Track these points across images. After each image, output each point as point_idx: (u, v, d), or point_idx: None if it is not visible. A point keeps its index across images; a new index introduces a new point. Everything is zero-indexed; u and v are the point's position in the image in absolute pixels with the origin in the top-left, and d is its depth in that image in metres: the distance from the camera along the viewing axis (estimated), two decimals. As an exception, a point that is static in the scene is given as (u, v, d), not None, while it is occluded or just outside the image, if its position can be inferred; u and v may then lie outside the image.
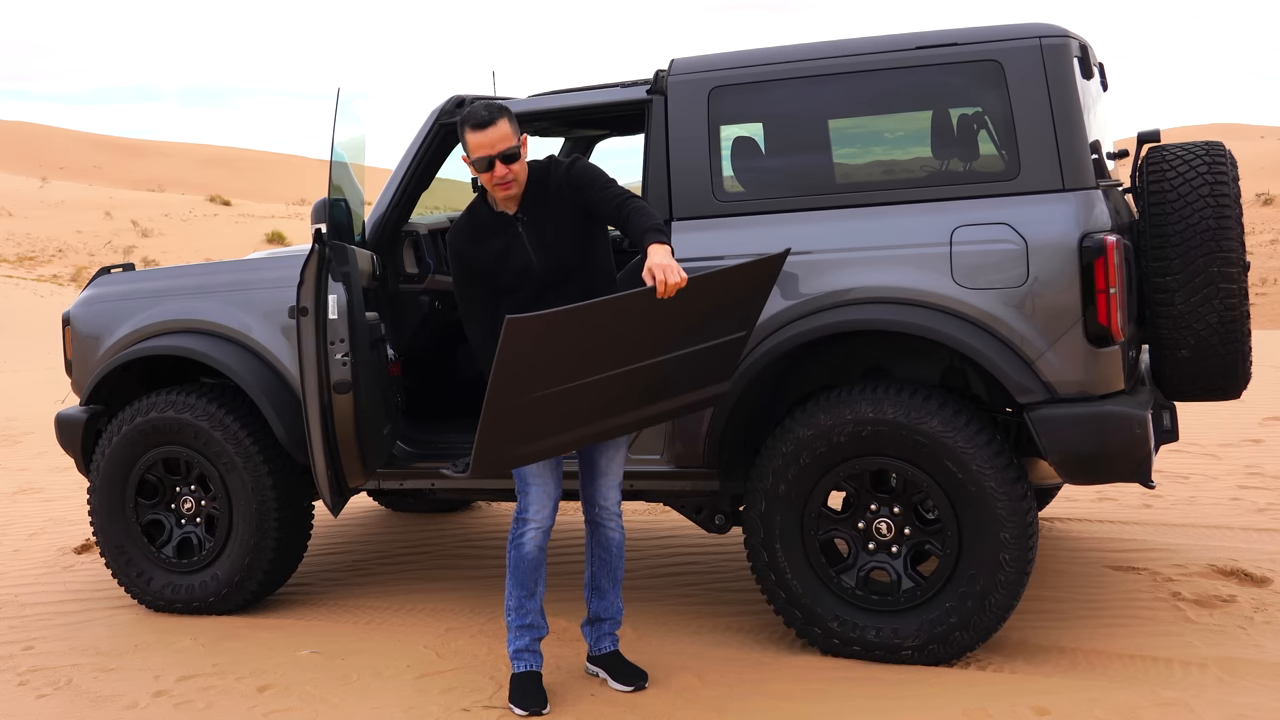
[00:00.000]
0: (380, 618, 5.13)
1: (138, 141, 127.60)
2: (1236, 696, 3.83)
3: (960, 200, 4.14)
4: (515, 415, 3.55)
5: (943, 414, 4.06)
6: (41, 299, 28.44)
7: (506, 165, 3.85)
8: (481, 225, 3.99)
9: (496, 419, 3.51)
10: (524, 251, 3.94)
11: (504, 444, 3.63)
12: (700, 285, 3.57)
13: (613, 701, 4.05)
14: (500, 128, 3.83)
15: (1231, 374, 4.27)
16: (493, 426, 3.53)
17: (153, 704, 4.28)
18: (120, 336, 5.25)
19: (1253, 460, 7.18)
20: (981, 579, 4.07)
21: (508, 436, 3.61)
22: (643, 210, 3.81)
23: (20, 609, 5.50)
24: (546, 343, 3.40)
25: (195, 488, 5.22)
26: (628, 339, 3.59)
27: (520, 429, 3.61)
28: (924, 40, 4.27)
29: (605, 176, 3.97)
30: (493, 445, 3.60)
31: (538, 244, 3.94)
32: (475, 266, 3.99)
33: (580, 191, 3.93)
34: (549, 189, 3.96)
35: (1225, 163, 4.26)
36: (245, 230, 46.00)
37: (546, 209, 3.96)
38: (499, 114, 3.84)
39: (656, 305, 3.53)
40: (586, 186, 3.93)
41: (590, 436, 3.83)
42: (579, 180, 3.94)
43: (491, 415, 3.49)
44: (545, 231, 3.94)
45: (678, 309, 3.57)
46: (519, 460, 3.75)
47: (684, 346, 3.76)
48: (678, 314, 3.60)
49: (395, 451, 4.82)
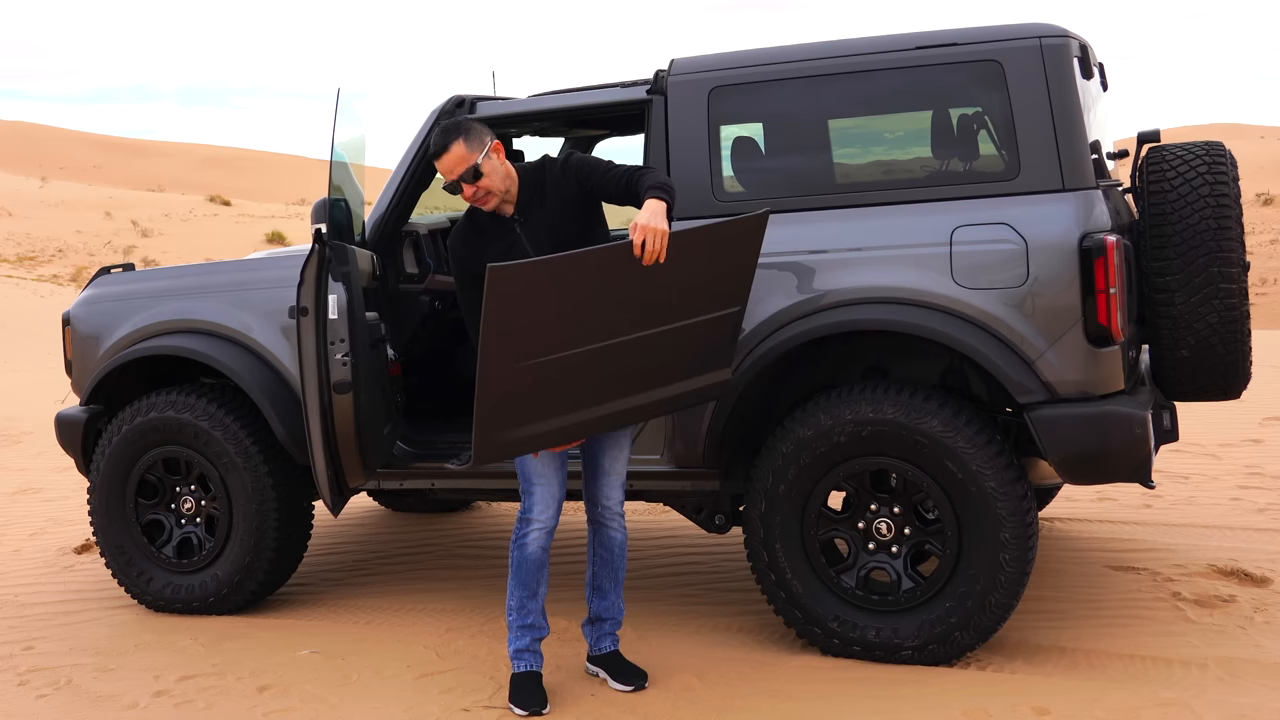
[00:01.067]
0: (380, 618, 5.13)
1: (138, 141, 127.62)
2: (1236, 696, 3.84)
3: (960, 200, 4.14)
4: (510, 387, 3.53)
5: (943, 414, 4.06)
6: (41, 299, 28.42)
7: (473, 184, 3.88)
8: (480, 229, 4.00)
9: (491, 390, 3.50)
10: (523, 252, 3.94)
11: (504, 425, 3.61)
12: (681, 242, 3.59)
13: (613, 701, 4.05)
14: (454, 152, 3.85)
15: (1231, 374, 4.27)
16: (489, 401, 3.52)
17: (153, 704, 4.28)
18: (120, 337, 5.25)
19: (1253, 460, 7.18)
20: (981, 579, 4.07)
21: (506, 417, 3.59)
22: (648, 172, 3.83)
23: (20, 609, 5.50)
24: (532, 297, 3.41)
25: (195, 488, 5.22)
26: (616, 303, 3.59)
27: (518, 408, 3.60)
28: (924, 40, 4.27)
29: (604, 161, 3.98)
30: (492, 426, 3.58)
31: (536, 244, 3.94)
32: (476, 269, 3.98)
33: (583, 183, 3.95)
34: (545, 187, 3.97)
35: (1225, 163, 4.26)
36: (245, 230, 45.98)
37: (544, 207, 3.97)
38: (452, 137, 3.86)
39: (640, 264, 3.53)
40: (589, 175, 3.94)
41: (593, 423, 3.80)
42: (579, 172, 3.95)
43: (486, 387, 3.48)
44: (543, 231, 3.95)
45: (663, 269, 3.58)
46: (521, 445, 3.71)
47: (677, 319, 3.75)
48: (664, 274, 3.60)
49: (395, 451, 4.82)
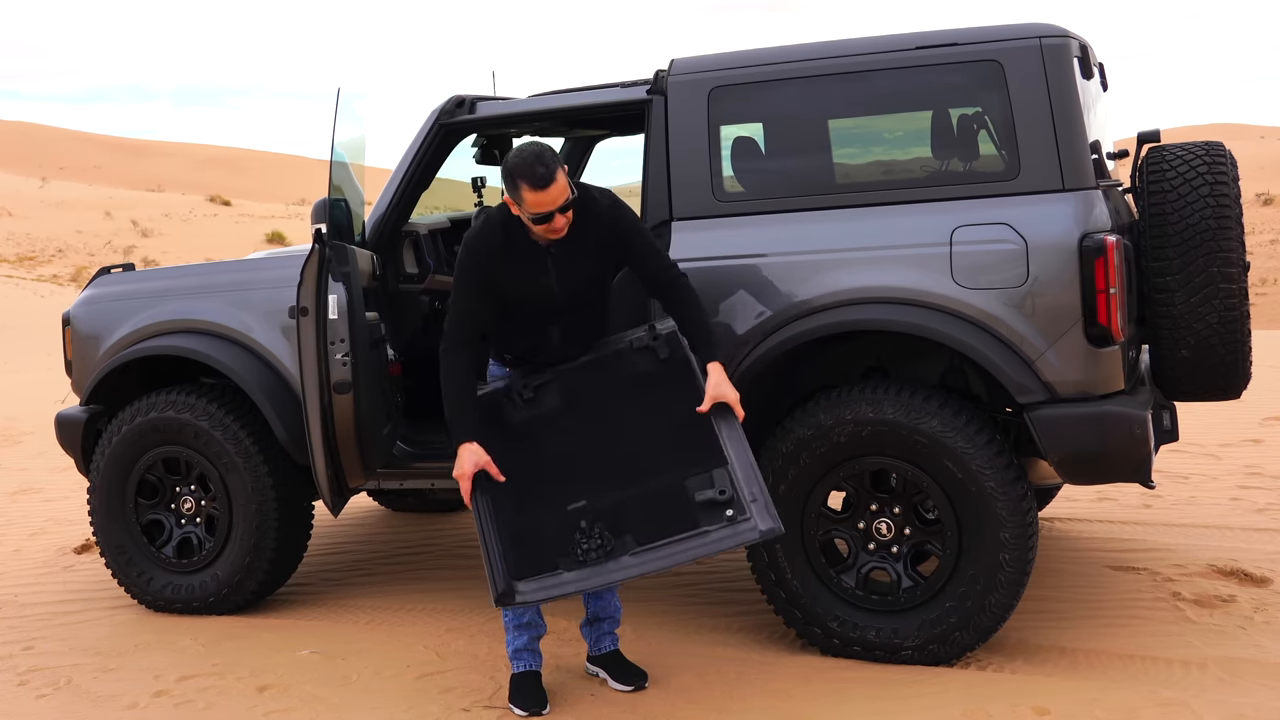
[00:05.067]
0: (380, 618, 5.13)
1: (138, 141, 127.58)
2: (1236, 696, 3.84)
3: (960, 200, 4.14)
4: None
5: (943, 414, 4.06)
6: (41, 299, 28.42)
7: (565, 215, 3.82)
8: (510, 243, 3.93)
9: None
10: (549, 281, 3.94)
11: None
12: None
13: (613, 701, 4.05)
14: (559, 183, 3.75)
15: (1231, 374, 4.27)
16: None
17: (153, 704, 4.28)
18: (120, 336, 5.25)
19: (1253, 460, 7.18)
20: (981, 579, 4.07)
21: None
22: (693, 303, 3.94)
23: (20, 609, 5.50)
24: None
25: (195, 488, 5.21)
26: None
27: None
28: (924, 40, 4.27)
29: (649, 235, 4.01)
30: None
31: (564, 276, 3.94)
32: (494, 282, 3.96)
33: (624, 246, 3.96)
34: (586, 225, 3.92)
35: (1225, 163, 4.26)
36: (245, 230, 45.98)
37: (580, 243, 3.93)
38: (555, 166, 3.74)
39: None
40: (631, 243, 3.95)
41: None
42: (623, 232, 3.95)
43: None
44: (572, 265, 3.95)
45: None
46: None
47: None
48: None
49: (395, 451, 4.82)
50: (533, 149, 3.78)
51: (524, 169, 3.73)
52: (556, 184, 3.74)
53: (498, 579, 3.69)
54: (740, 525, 3.65)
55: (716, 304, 4.28)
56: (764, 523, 3.63)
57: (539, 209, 3.76)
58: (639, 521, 3.73)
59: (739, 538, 3.64)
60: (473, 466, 3.82)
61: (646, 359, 4.03)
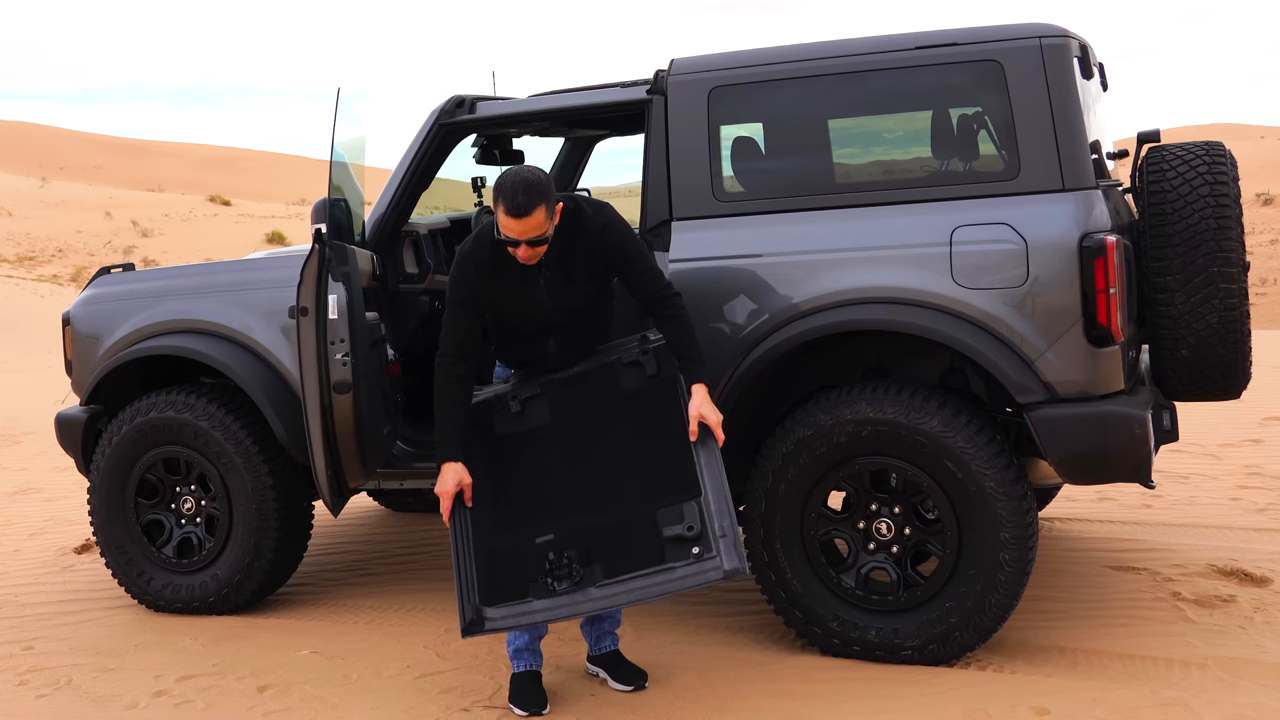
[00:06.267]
0: (380, 618, 5.13)
1: (137, 141, 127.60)
2: (1236, 696, 3.84)
3: (960, 200, 4.14)
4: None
5: (943, 414, 4.06)
6: (41, 299, 28.42)
7: (532, 248, 3.82)
8: (500, 261, 3.92)
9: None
10: (541, 298, 3.95)
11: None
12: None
13: (613, 701, 4.05)
14: (535, 218, 3.73)
15: (1231, 374, 4.27)
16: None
17: (153, 704, 4.28)
18: (120, 336, 5.25)
19: (1253, 460, 7.18)
20: (981, 579, 4.07)
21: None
22: (683, 321, 3.90)
23: (20, 609, 5.50)
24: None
25: (195, 488, 5.21)
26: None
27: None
28: (924, 40, 4.27)
29: (644, 252, 3.99)
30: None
31: (557, 294, 3.95)
32: (487, 296, 3.97)
33: (618, 265, 3.95)
34: (577, 242, 3.93)
35: (1225, 163, 4.26)
36: (245, 230, 45.98)
37: (573, 260, 3.94)
38: (536, 202, 3.71)
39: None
40: (625, 262, 3.94)
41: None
42: (617, 250, 3.94)
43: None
44: (566, 283, 3.95)
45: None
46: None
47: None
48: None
49: (395, 451, 4.81)
50: (526, 176, 3.77)
51: (507, 191, 3.72)
52: (531, 218, 3.72)
53: (466, 609, 3.77)
54: (706, 564, 3.66)
55: (717, 305, 4.28)
56: (729, 562, 3.63)
57: (508, 233, 3.77)
58: (608, 552, 3.78)
59: (703, 576, 3.66)
60: (455, 485, 3.91)
61: (634, 375, 4.04)
